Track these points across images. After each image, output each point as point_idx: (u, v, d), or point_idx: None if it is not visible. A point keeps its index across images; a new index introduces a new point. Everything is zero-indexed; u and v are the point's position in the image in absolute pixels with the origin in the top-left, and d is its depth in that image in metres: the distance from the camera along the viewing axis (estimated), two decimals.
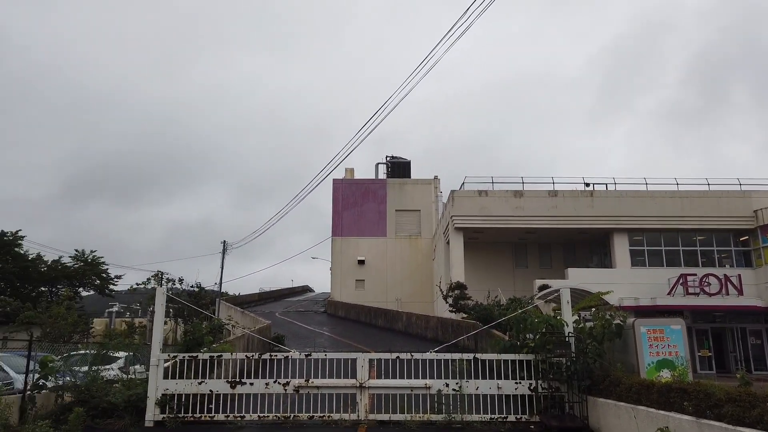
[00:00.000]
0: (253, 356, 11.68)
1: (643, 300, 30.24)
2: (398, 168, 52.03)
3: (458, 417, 10.78)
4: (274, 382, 11.12)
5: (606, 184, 34.79)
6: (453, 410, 10.92)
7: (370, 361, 11.46)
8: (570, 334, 10.89)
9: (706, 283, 29.90)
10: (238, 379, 11.19)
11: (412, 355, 11.49)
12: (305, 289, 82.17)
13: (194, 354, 11.43)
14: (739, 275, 29.89)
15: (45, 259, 41.05)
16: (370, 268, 46.20)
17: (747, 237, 32.08)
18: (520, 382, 11.05)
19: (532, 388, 10.97)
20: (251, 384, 11.13)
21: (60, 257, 42.48)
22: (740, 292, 29.63)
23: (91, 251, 44.91)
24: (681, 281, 30.34)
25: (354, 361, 11.31)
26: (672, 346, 10.06)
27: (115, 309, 33.97)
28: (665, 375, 9.84)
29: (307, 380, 11.15)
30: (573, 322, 11.33)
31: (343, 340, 25.79)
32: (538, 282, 30.06)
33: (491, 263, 36.78)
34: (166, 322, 24.91)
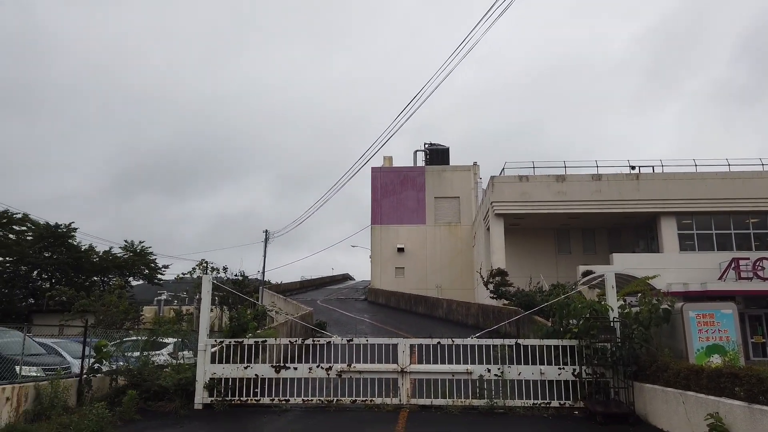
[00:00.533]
0: (296, 341, 11.91)
1: (693, 285, 29.26)
2: (437, 155, 51.74)
3: (500, 402, 10.75)
4: (317, 366, 11.31)
5: (653, 167, 33.69)
6: (495, 395, 10.88)
7: (411, 346, 11.51)
8: (615, 320, 10.67)
9: (759, 267, 28.74)
10: (282, 364, 11.43)
11: (453, 341, 11.48)
12: (345, 278, 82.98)
13: (240, 339, 11.73)
14: None
15: (96, 250, 42.73)
16: (409, 255, 46.24)
17: None
18: (563, 368, 10.91)
19: (575, 373, 10.81)
20: (295, 369, 11.36)
21: (110, 248, 44.13)
22: None
23: (140, 242, 46.51)
24: (733, 265, 29.24)
25: (395, 346, 11.39)
26: (723, 331, 9.74)
27: (163, 297, 35.09)
28: (715, 360, 9.54)
29: (349, 365, 11.30)
30: (618, 308, 11.10)
31: (384, 327, 25.96)
32: (582, 268, 29.49)
33: (533, 249, 36.29)
34: (212, 310, 25.65)
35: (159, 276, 47.58)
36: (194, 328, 17.79)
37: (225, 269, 25.31)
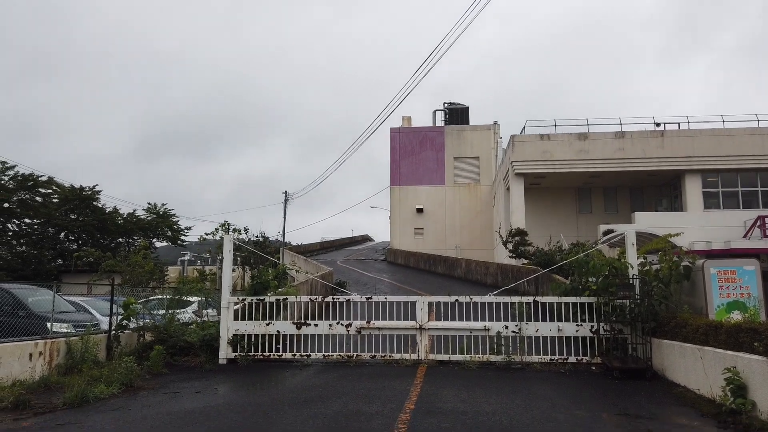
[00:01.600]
0: (316, 299, 12.12)
1: (716, 244, 28.85)
2: (456, 114, 51.03)
3: (518, 358, 10.88)
4: (337, 323, 11.53)
5: (678, 124, 32.89)
6: (512, 352, 11.02)
7: (429, 304, 11.64)
8: (634, 276, 10.62)
9: None
10: (303, 321, 11.67)
11: (471, 299, 11.57)
12: (365, 239, 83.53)
13: (261, 297, 11.97)
14: None
15: (121, 212, 43.53)
16: (428, 216, 46.25)
17: None
18: (581, 325, 10.97)
19: (593, 330, 10.86)
20: (315, 325, 11.60)
21: (134, 210, 44.89)
22: None
23: (162, 204, 47.19)
24: (758, 223, 28.70)
25: (413, 304, 11.53)
26: (744, 288, 9.64)
27: (186, 257, 35.80)
28: (735, 317, 9.48)
29: (368, 322, 11.49)
30: (638, 265, 11.03)
31: (403, 286, 26.24)
32: (603, 227, 29.24)
33: (553, 209, 36.03)
34: (234, 270, 26.14)
35: (183, 237, 48.42)
36: (217, 287, 18.17)
37: (246, 230, 25.61)
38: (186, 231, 48.37)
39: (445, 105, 51.95)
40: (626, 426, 6.46)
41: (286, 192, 32.54)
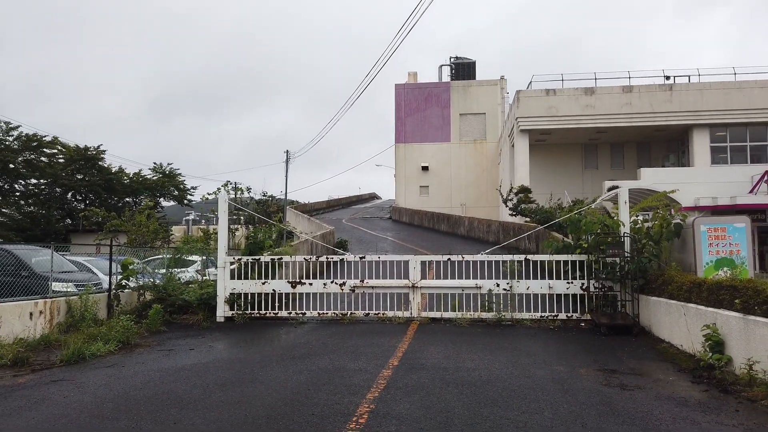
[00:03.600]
0: (311, 259, 12.27)
1: (722, 199, 28.63)
2: (463, 69, 50.06)
3: (508, 315, 11.05)
4: (332, 282, 11.72)
5: (688, 77, 32.18)
6: (504, 309, 11.18)
7: (428, 263, 11.77)
8: (625, 234, 10.64)
9: None
10: (298, 280, 11.87)
11: (463, 257, 11.68)
12: (372, 197, 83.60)
13: (257, 257, 12.15)
14: None
15: (126, 172, 43.76)
16: (434, 173, 46.10)
17: None
18: (572, 282, 11.07)
19: (584, 287, 10.97)
20: (310, 284, 11.80)
21: (140, 170, 45.10)
22: None
23: (168, 164, 47.31)
24: (765, 178, 28.34)
25: (406, 263, 11.66)
26: (734, 245, 9.63)
27: (191, 217, 36.10)
28: (724, 274, 9.53)
29: (362, 281, 11.67)
30: (630, 222, 11.03)
31: (405, 245, 26.42)
32: (608, 183, 28.95)
33: (559, 165, 35.73)
34: (237, 228, 26.41)
35: (189, 197, 48.74)
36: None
37: (249, 189, 25.78)
38: (192, 190, 48.65)
39: (452, 60, 50.92)
40: (601, 380, 6.61)
41: (287, 151, 32.44)
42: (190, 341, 9.62)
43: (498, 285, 11.30)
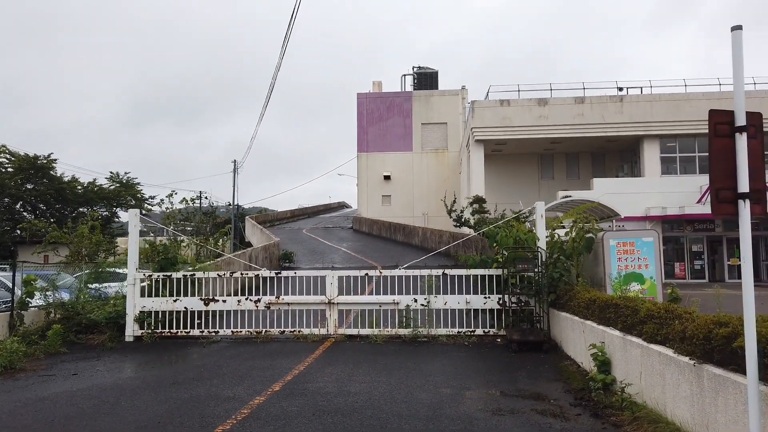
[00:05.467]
0: (224, 275, 11.86)
1: (671, 209, 29.08)
2: (425, 79, 50.20)
3: (425, 331, 10.81)
4: (246, 299, 11.33)
5: (641, 88, 32.73)
6: (422, 325, 10.93)
7: (340, 278, 11.46)
8: (539, 248, 10.50)
9: None
10: (211, 297, 11.46)
11: (381, 272, 11.42)
12: (341, 206, 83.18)
13: (168, 273, 11.70)
14: None
15: (81, 180, 42.65)
16: (396, 183, 45.96)
17: None
18: (489, 297, 10.89)
19: (500, 302, 10.80)
20: (224, 301, 11.40)
21: (95, 179, 44.05)
22: None
23: (125, 173, 46.33)
24: None
25: (323, 278, 11.34)
26: (642, 259, 9.56)
27: (138, 228, 35.23)
28: (633, 288, 9.44)
29: (277, 297, 11.32)
30: (546, 236, 10.91)
31: (356, 256, 26.12)
32: (561, 193, 29.18)
33: (516, 175, 35.93)
34: (182, 241, 25.72)
35: (148, 206, 47.72)
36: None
37: (193, 200, 25.16)
38: (150, 199, 47.66)
39: (415, 69, 51.04)
40: (479, 404, 6.37)
41: (235, 161, 31.89)
42: (81, 365, 9.13)
43: (416, 300, 11.05)
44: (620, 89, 32.61)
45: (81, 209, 42.68)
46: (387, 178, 46.00)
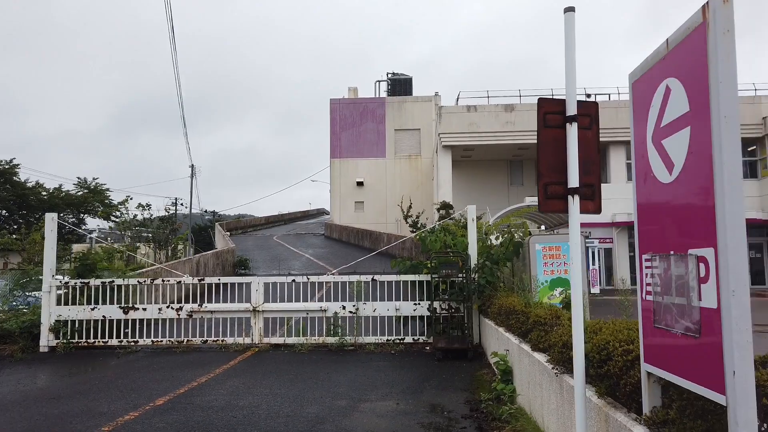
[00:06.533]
0: (145, 282, 11.37)
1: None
2: (399, 85, 50.07)
3: (351, 339, 10.41)
4: (167, 307, 10.86)
5: (609, 95, 32.82)
6: (350, 333, 10.54)
7: (266, 285, 11.03)
8: (467, 254, 10.17)
9: None
10: (131, 305, 10.96)
11: (308, 278, 11.02)
12: (321, 212, 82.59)
13: (86, 280, 11.19)
14: None
15: (46, 187, 41.75)
16: (369, 189, 45.61)
17: (755, 146, 29.98)
18: (419, 304, 10.53)
19: (430, 309, 10.44)
20: (144, 309, 10.90)
21: (60, 185, 43.20)
22: None
23: (94, 178, 45.45)
24: None
25: (248, 285, 10.93)
26: (568, 264, 9.25)
27: (94, 234, 34.53)
28: (558, 294, 9.16)
29: (200, 305, 10.86)
30: (477, 241, 10.60)
31: (318, 262, 25.70)
32: (528, 199, 29.09)
33: (486, 181, 35.77)
34: (139, 247, 25.15)
35: (116, 213, 46.87)
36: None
37: (148, 206, 24.61)
38: (119, 206, 46.80)
39: (389, 75, 50.90)
40: (364, 418, 5.97)
41: (192, 166, 31.35)
42: None
43: (344, 307, 10.65)
44: (588, 96, 32.61)
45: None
46: (360, 184, 45.64)
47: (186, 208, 46.92)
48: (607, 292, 26.67)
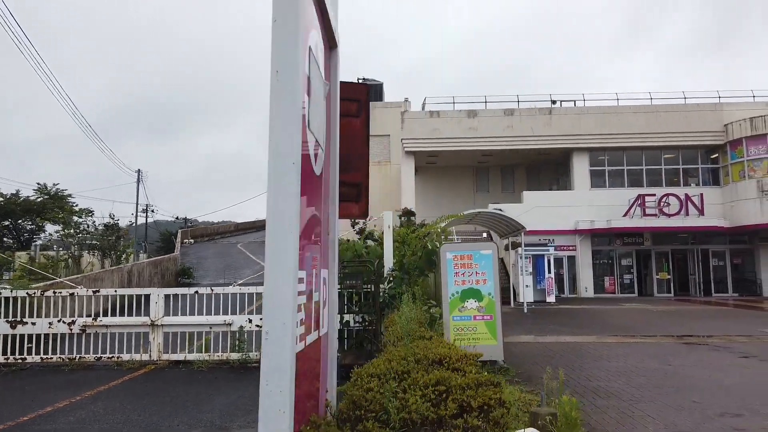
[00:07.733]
0: (35, 294, 10.48)
1: (599, 222, 28.71)
2: (369, 91, 49.52)
3: (256, 355, 9.65)
4: (59, 321, 10.00)
5: (574, 101, 32.47)
6: (258, 348, 9.77)
7: (167, 296, 10.23)
8: (378, 264, 9.49)
9: (665, 204, 28.19)
10: (19, 319, 10.08)
11: (212, 290, 10.24)
12: None
13: None
14: (701, 194, 28.03)
15: (2, 192, 40.37)
16: None
17: (717, 154, 29.80)
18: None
19: (344, 322, 9.72)
20: (33, 324, 10.02)
21: (17, 191, 41.89)
22: (701, 212, 27.89)
23: (54, 184, 44.14)
24: (639, 202, 28.61)
25: (147, 297, 10.12)
26: (480, 274, 8.62)
27: (39, 242, 33.40)
28: (470, 306, 8.51)
29: (94, 318, 10.02)
30: (414, 249, 9.93)
31: None
32: (492, 206, 28.55)
33: (451, 188, 35.27)
34: (81, 255, 24.15)
35: (78, 220, 45.55)
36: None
37: (92, 212, 23.67)
38: (82, 214, 45.49)
39: (359, 81, 50.35)
40: None
41: (139, 171, 30.38)
42: None
43: (250, 321, 9.89)
44: (554, 102, 32.29)
45: (5, 222, 40.42)
46: None
47: (159, 214, 45.82)
48: (563, 300, 26.17)
